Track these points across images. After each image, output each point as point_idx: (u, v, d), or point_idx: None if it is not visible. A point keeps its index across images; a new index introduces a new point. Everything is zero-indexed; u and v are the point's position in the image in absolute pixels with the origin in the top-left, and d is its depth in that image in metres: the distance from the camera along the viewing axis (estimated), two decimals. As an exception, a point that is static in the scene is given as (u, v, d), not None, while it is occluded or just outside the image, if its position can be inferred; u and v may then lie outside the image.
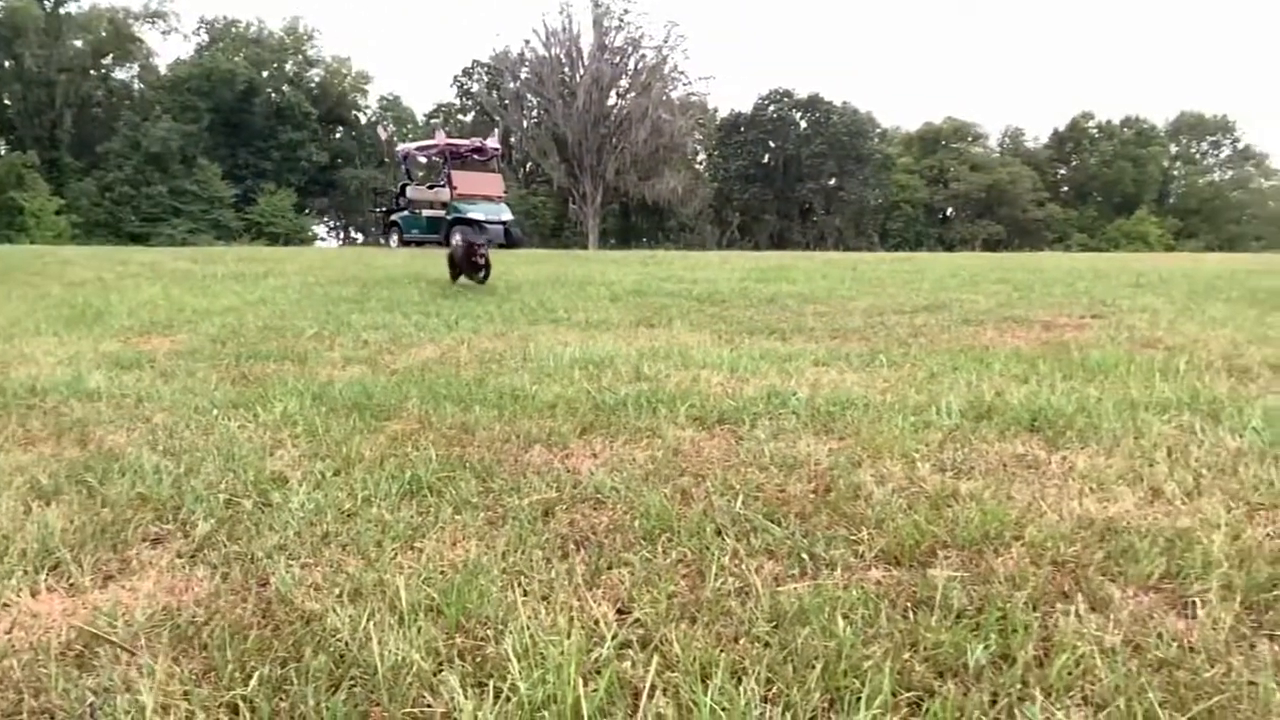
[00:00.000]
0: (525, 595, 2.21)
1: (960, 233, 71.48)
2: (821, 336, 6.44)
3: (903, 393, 4.44)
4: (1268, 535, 2.56)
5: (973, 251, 40.98)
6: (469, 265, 10.27)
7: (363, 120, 74.71)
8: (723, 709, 1.68)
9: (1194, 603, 2.15)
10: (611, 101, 63.22)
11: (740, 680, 1.78)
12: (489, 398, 4.37)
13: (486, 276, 10.32)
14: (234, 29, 71.27)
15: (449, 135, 31.99)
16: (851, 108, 73.20)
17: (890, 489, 2.97)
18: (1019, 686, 1.76)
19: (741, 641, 1.96)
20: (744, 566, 2.37)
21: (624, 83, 63.48)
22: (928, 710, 1.68)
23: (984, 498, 2.86)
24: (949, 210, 76.51)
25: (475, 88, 72.76)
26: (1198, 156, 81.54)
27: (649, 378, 4.86)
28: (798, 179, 71.43)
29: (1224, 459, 3.30)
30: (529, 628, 1.99)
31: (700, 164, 75.16)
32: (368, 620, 2.04)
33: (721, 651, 1.89)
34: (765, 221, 71.10)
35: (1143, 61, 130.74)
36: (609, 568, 2.38)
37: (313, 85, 71.57)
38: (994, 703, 1.72)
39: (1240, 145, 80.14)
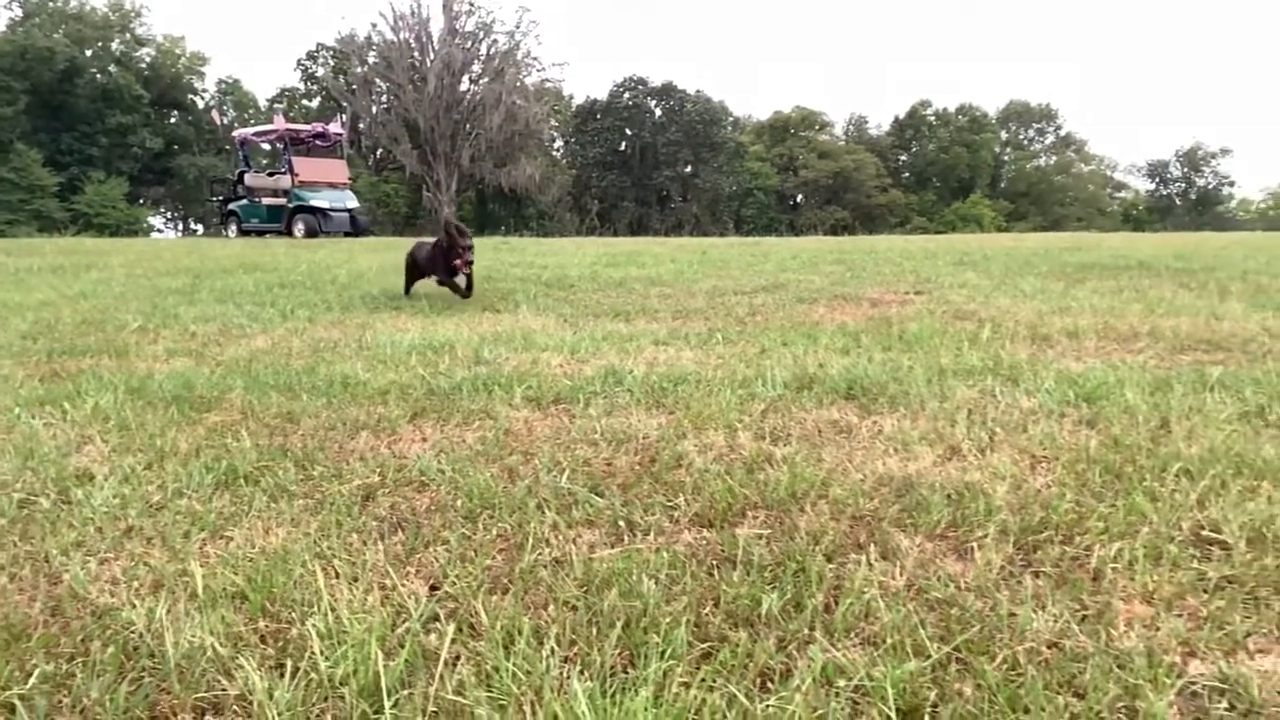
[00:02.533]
0: (336, 578, 2.18)
1: (809, 218, 73.98)
2: (664, 317, 6.57)
3: (734, 368, 4.59)
4: (1045, 484, 2.80)
5: (820, 236, 42.48)
6: (447, 270, 7.66)
7: (200, 105, 70.67)
8: (524, 672, 1.72)
9: (973, 547, 2.33)
10: (464, 87, 61.95)
11: (543, 643, 1.82)
12: (318, 386, 4.25)
13: (470, 286, 7.76)
14: (51, 3, 65.92)
15: (290, 120, 30.63)
16: (705, 96, 74.47)
17: (711, 457, 3.08)
18: (806, 631, 1.87)
19: (550, 608, 2.00)
20: (562, 538, 2.41)
21: (477, 68, 62.31)
22: (719, 658, 1.76)
23: (796, 461, 3.00)
24: (799, 197, 79.07)
25: (320, 72, 69.97)
26: (1026, 143, 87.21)
27: (488, 361, 4.84)
28: (655, 166, 72.18)
29: (1017, 418, 3.57)
30: (335, 609, 1.97)
31: (558, 151, 74.92)
32: (165, 610, 1.97)
33: (528, 618, 1.92)
34: (624, 209, 71.53)
35: (976, 51, 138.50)
36: (426, 546, 2.38)
37: (143, 66, 67.04)
38: (781, 647, 1.83)
39: (1063, 132, 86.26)
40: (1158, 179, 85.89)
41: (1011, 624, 1.90)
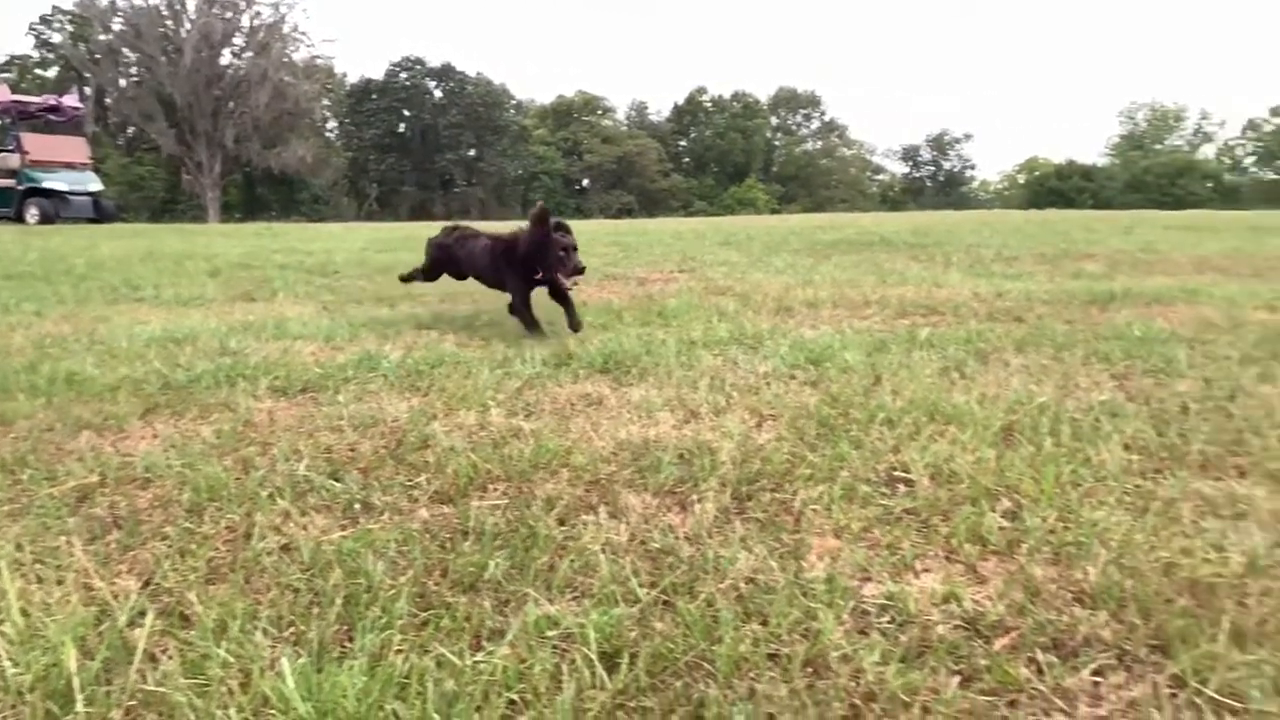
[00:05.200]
0: (39, 582, 2.04)
1: (596, 202, 74.92)
2: (430, 301, 6.50)
3: (495, 348, 4.63)
4: (769, 439, 3.03)
5: (601, 220, 43.15)
6: (527, 279, 5.15)
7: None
8: (235, 656, 1.69)
9: (695, 500, 2.50)
10: (225, 61, 57.80)
11: (256, 627, 1.79)
12: (39, 385, 3.90)
13: (571, 310, 5.11)
14: None
15: (17, 91, 27.45)
16: (485, 78, 73.63)
17: (459, 436, 3.11)
18: (528, 591, 1.95)
19: (271, 592, 1.97)
20: (294, 524, 2.37)
21: (239, 41, 58.28)
22: (439, 624, 1.81)
23: (543, 434, 3.09)
24: (585, 181, 79.83)
25: (57, 38, 62.90)
26: (794, 128, 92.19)
27: (234, 352, 4.61)
28: (437, 149, 70.59)
29: (752, 381, 3.84)
30: (28, 613, 1.85)
31: (331, 133, 71.59)
32: None
33: (245, 605, 1.89)
34: (405, 193, 69.54)
35: (747, 38, 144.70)
36: (143, 543, 2.26)
37: None
38: (500, 608, 1.90)
39: (826, 118, 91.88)
40: (911, 162, 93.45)
41: (717, 565, 2.07)
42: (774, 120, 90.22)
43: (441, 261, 5.91)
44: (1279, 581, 1.99)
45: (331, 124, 71.95)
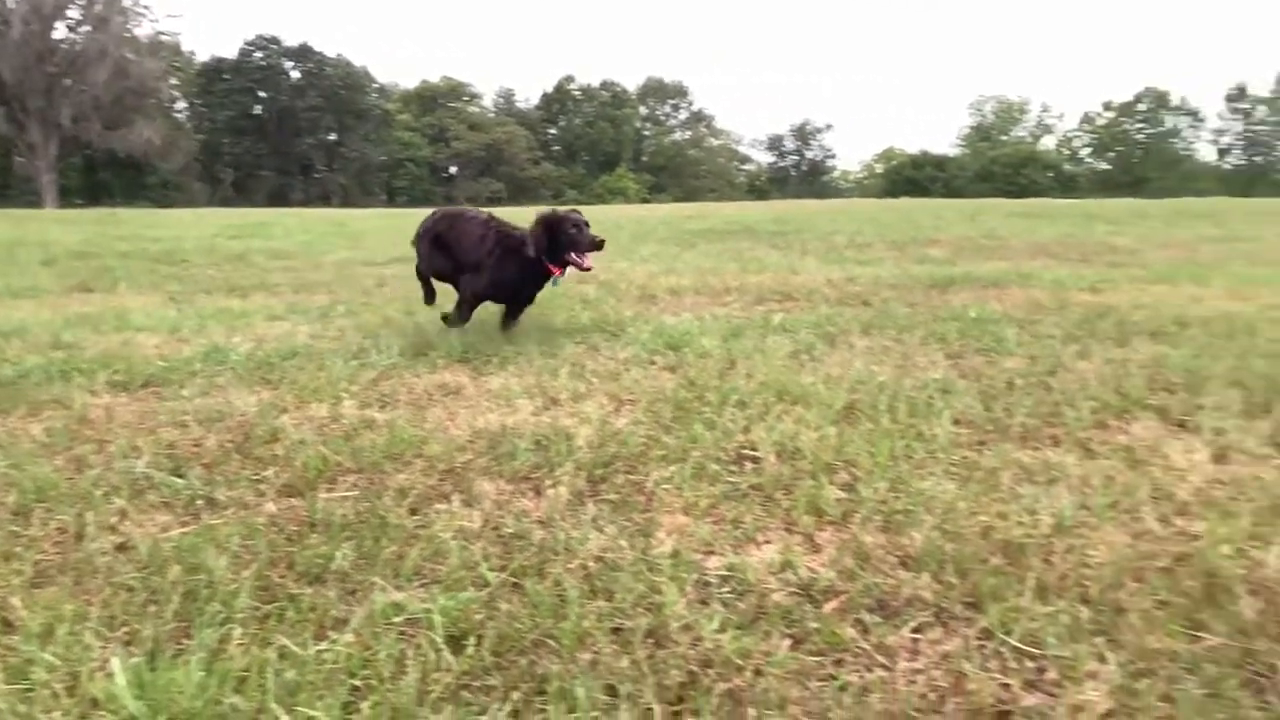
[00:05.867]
0: None
1: (465, 190, 73.58)
2: (284, 291, 6.29)
3: (350, 339, 4.53)
4: (626, 423, 3.10)
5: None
6: (536, 274, 4.65)
7: None
8: (62, 659, 1.62)
9: (549, 485, 2.53)
10: (60, 35, 53.79)
11: (88, 628, 1.73)
12: None
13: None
14: None
15: None
16: (345, 60, 71.09)
17: (310, 429, 3.04)
18: (376, 580, 1.95)
19: (104, 593, 1.89)
20: (130, 523, 2.27)
21: (74, 14, 54.34)
22: (283, 615, 1.78)
23: (398, 424, 3.06)
24: (452, 168, 78.31)
25: None
26: (663, 118, 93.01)
27: (69, 345, 4.36)
28: (295, 133, 67.78)
29: (613, 368, 3.90)
30: None
31: (181, 114, 67.75)
32: None
33: (75, 607, 1.81)
34: (263, 178, 66.53)
35: (616, 27, 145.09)
36: (-42, 550, 2.13)
37: None
38: (348, 598, 1.89)
39: (695, 108, 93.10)
40: (776, 152, 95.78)
41: (568, 546, 2.11)
42: (643, 110, 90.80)
43: (432, 249, 4.98)
44: (1081, 540, 2.18)
45: (181, 105, 68.07)
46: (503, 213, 4.88)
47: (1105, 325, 4.78)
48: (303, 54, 68.65)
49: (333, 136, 69.73)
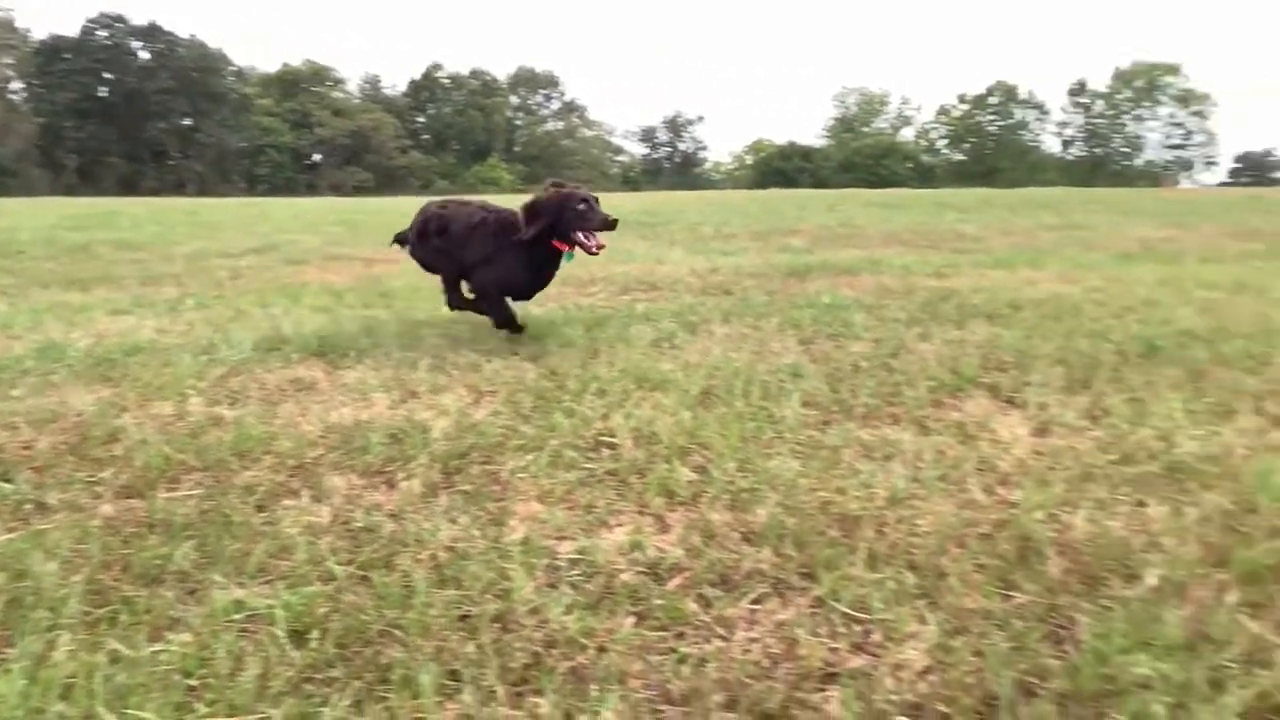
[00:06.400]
0: None
1: (330, 179, 71.26)
2: (130, 284, 5.98)
3: (200, 334, 4.36)
4: (484, 415, 3.10)
5: (334, 198, 41.17)
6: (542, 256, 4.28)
7: None
8: None
9: (402, 478, 2.52)
10: None
11: (-108, 646, 1.63)
12: None
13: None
14: None
15: None
16: (199, 41, 67.67)
17: (152, 427, 2.92)
18: (218, 578, 1.90)
19: (-86, 608, 1.79)
20: (-53, 532, 2.14)
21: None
22: (116, 618, 1.73)
23: (247, 421, 2.97)
24: (316, 156, 75.64)
25: None
26: (535, 108, 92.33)
27: (-121, 346, 4.03)
28: (145, 117, 64.08)
29: (475, 359, 3.89)
30: None
31: (16, 95, 62.93)
32: None
33: (-121, 623, 1.70)
34: (110, 165, 62.61)
35: (484, 16, 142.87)
36: None
37: None
38: (187, 598, 1.84)
39: (567, 98, 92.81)
40: (649, 143, 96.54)
41: (418, 538, 2.11)
42: (514, 99, 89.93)
43: (436, 245, 4.42)
44: (911, 511, 2.32)
45: (16, 85, 63.21)
46: (376, 204, 4.76)
47: (947, 308, 5.06)
48: (151, 33, 64.92)
49: (187, 121, 66.28)
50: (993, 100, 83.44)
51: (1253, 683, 1.56)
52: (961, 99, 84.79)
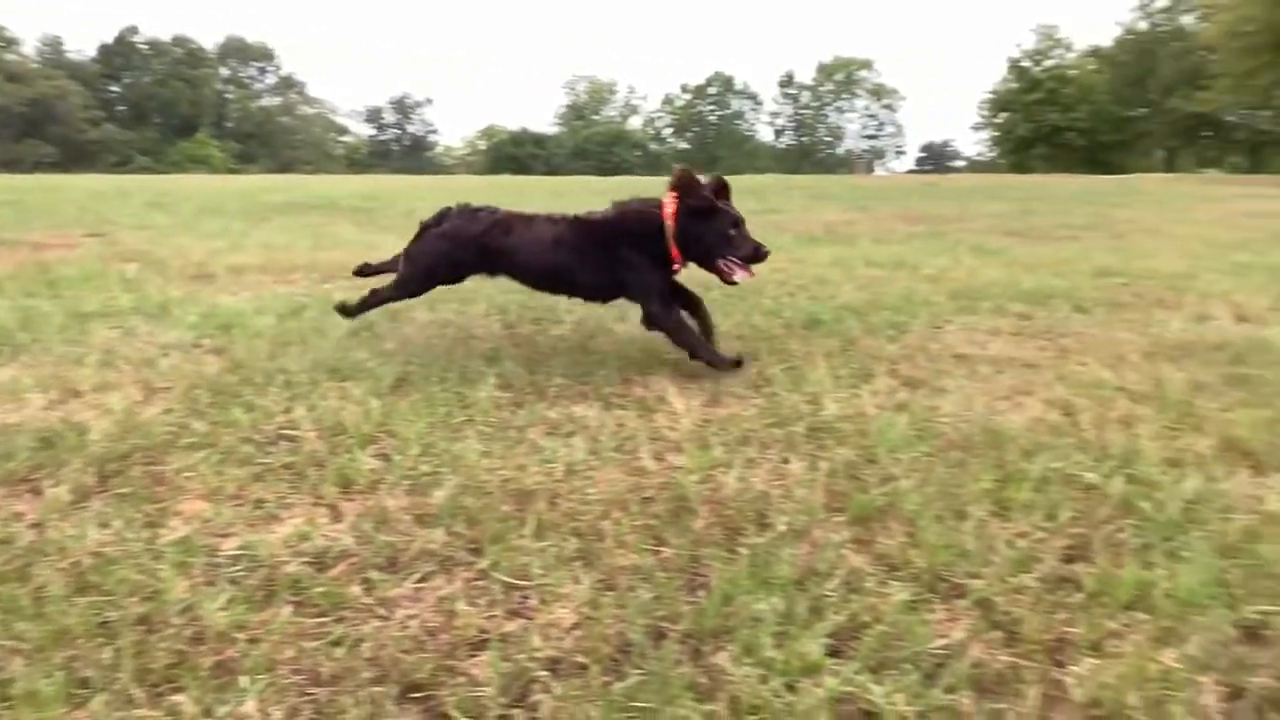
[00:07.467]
0: None
1: (6, 153, 62.37)
2: None
3: None
4: (154, 413, 2.91)
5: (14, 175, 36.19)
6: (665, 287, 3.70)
7: None
8: None
9: (50, 484, 2.33)
10: None
11: None
12: None
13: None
14: None
15: None
16: None
17: None
18: None
19: None
20: None
21: None
22: None
23: None
24: (-11, 126, 65.91)
25: None
26: (248, 81, 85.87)
27: None
28: None
29: (150, 354, 3.63)
30: None
31: None
32: None
33: None
34: None
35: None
36: None
37: None
38: None
39: (284, 73, 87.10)
40: (375, 124, 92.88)
41: (60, 546, 1.98)
42: (224, 71, 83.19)
43: (462, 263, 3.83)
44: (585, 481, 2.47)
45: None
46: (59, 181, 4.28)
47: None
48: None
49: None
50: (712, 90, 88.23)
51: (845, 608, 1.83)
52: (684, 88, 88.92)
